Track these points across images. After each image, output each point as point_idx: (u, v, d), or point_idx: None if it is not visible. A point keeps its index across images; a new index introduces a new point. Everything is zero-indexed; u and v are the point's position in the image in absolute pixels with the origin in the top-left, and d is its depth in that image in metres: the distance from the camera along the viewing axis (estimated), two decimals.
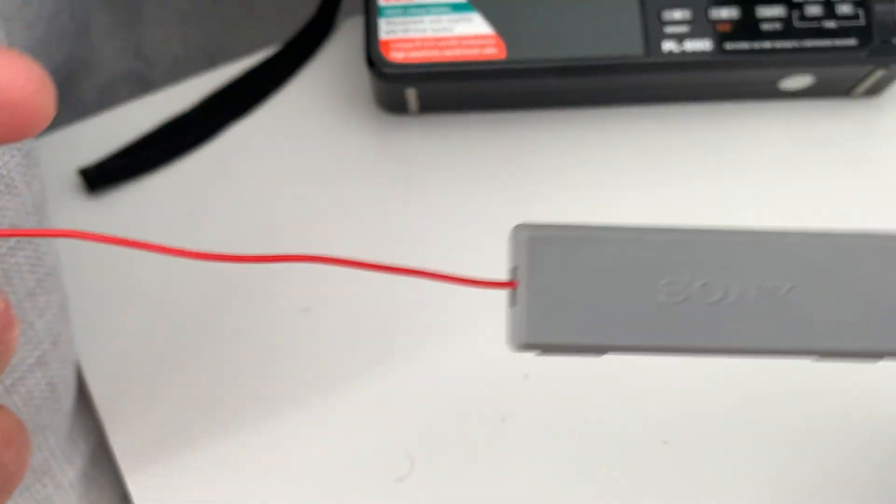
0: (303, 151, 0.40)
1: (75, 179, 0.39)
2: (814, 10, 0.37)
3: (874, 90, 0.40)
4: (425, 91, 0.38)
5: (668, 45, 0.37)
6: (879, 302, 0.19)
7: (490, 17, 0.37)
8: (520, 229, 0.19)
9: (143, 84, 0.59)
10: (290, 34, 0.43)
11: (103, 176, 0.39)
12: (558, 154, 0.40)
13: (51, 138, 0.40)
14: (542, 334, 0.19)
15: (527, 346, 0.19)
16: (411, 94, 0.38)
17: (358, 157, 0.40)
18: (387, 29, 0.37)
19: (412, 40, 0.37)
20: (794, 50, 0.37)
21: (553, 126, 0.40)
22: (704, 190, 0.39)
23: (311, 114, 0.41)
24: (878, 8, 0.38)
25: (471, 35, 0.37)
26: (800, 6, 0.37)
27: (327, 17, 0.42)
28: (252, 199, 0.39)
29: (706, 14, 0.37)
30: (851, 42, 0.37)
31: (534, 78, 0.37)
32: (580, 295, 0.19)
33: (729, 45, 0.37)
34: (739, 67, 0.37)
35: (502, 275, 0.37)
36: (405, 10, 0.37)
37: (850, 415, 0.35)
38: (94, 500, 0.35)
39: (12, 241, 0.26)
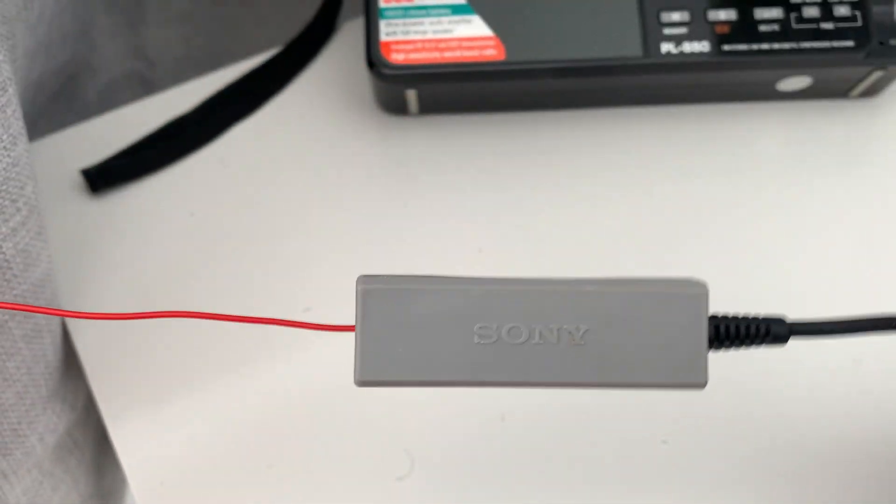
0: (304, 152, 0.40)
1: (78, 180, 0.39)
2: (811, 11, 0.37)
3: (871, 91, 0.40)
4: (425, 92, 0.38)
5: (667, 47, 0.37)
6: (656, 342, 0.22)
7: (490, 19, 0.37)
8: (358, 281, 0.22)
9: (144, 84, 0.59)
10: (291, 36, 0.43)
11: (105, 176, 0.39)
12: (557, 155, 0.40)
13: (53, 139, 0.40)
14: (373, 373, 0.22)
15: (363, 383, 0.23)
16: (411, 96, 0.38)
17: (358, 158, 0.40)
18: (387, 30, 0.37)
19: (412, 42, 0.37)
20: (791, 51, 0.37)
21: (552, 127, 0.41)
22: (703, 190, 0.39)
23: (312, 115, 0.41)
24: (876, 9, 0.38)
25: (470, 37, 0.37)
26: (797, 8, 0.37)
27: (328, 18, 0.42)
28: (253, 199, 0.39)
29: (704, 16, 0.37)
30: (849, 43, 0.37)
31: (533, 79, 0.37)
32: (408, 338, 0.22)
33: (727, 47, 0.37)
34: (737, 69, 0.37)
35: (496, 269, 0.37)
36: (405, 11, 0.37)
37: (850, 414, 0.35)
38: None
39: None
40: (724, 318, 0.24)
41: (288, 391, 0.35)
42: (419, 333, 0.22)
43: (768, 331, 0.24)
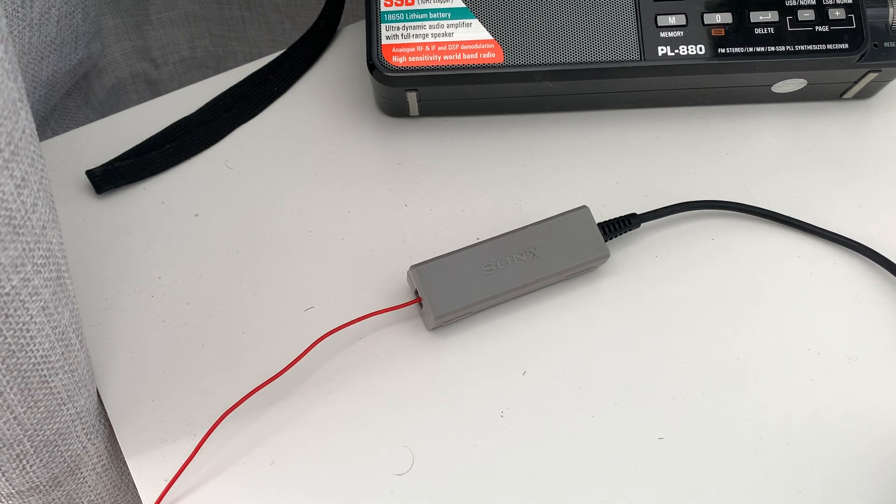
0: (306, 154, 0.40)
1: (83, 180, 0.40)
2: (806, 14, 0.37)
3: (866, 93, 0.40)
4: (425, 94, 0.39)
5: (664, 50, 0.37)
6: (575, 243, 0.36)
7: (489, 22, 0.37)
8: (412, 269, 0.35)
9: (150, 85, 0.59)
10: (294, 39, 0.43)
11: (109, 177, 0.39)
12: (555, 156, 0.40)
13: (60, 140, 0.41)
14: (441, 313, 0.35)
15: (437, 322, 0.35)
16: (412, 98, 0.39)
17: (360, 159, 0.40)
18: (388, 34, 0.37)
19: (413, 45, 0.37)
20: (786, 54, 0.37)
21: (550, 129, 0.41)
22: (700, 190, 0.40)
23: (315, 117, 0.41)
24: (870, 12, 0.38)
25: (470, 40, 0.37)
26: (792, 11, 0.37)
27: (330, 22, 0.43)
28: (256, 200, 0.39)
29: (700, 19, 0.37)
30: (843, 46, 0.37)
31: (531, 81, 0.38)
32: (450, 287, 0.35)
33: (723, 50, 0.37)
34: (733, 71, 0.38)
35: None
36: (406, 15, 0.38)
37: (843, 411, 0.35)
38: None
39: None
40: (603, 221, 0.38)
41: (290, 388, 0.36)
42: (456, 281, 0.35)
43: (630, 221, 0.38)
